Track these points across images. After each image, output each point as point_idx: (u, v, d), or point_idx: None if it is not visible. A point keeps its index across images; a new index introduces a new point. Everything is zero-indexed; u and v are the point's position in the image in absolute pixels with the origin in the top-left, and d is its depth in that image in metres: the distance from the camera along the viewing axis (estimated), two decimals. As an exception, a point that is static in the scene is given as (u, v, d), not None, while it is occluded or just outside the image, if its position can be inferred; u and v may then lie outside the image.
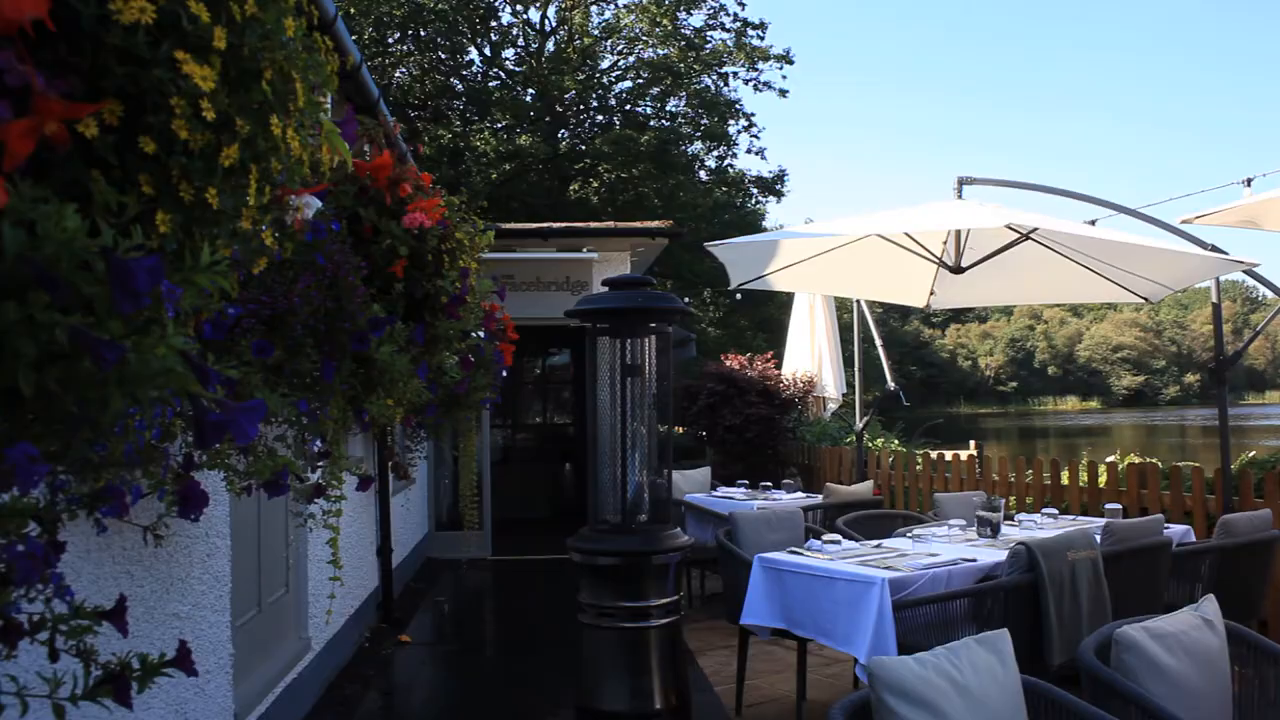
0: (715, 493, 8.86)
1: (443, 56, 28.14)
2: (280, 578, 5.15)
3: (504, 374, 6.14)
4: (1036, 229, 6.85)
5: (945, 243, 7.60)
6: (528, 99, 28.64)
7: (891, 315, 64.16)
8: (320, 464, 3.51)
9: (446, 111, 28.00)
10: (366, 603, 7.21)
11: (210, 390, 1.35)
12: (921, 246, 7.50)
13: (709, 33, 29.48)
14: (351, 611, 6.62)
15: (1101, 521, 5.83)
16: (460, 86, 28.83)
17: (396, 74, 27.33)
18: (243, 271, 1.85)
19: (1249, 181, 6.54)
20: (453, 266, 4.06)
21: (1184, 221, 6.19)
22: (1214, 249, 6.51)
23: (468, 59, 29.21)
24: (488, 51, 29.60)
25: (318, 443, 3.45)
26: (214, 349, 2.52)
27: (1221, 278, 7.05)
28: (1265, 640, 3.34)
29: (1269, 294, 6.74)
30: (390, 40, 26.83)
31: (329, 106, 4.53)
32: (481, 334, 5.22)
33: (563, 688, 5.91)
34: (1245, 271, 6.54)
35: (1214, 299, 7.13)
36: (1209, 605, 3.25)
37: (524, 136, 27.26)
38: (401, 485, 8.64)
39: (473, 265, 4.32)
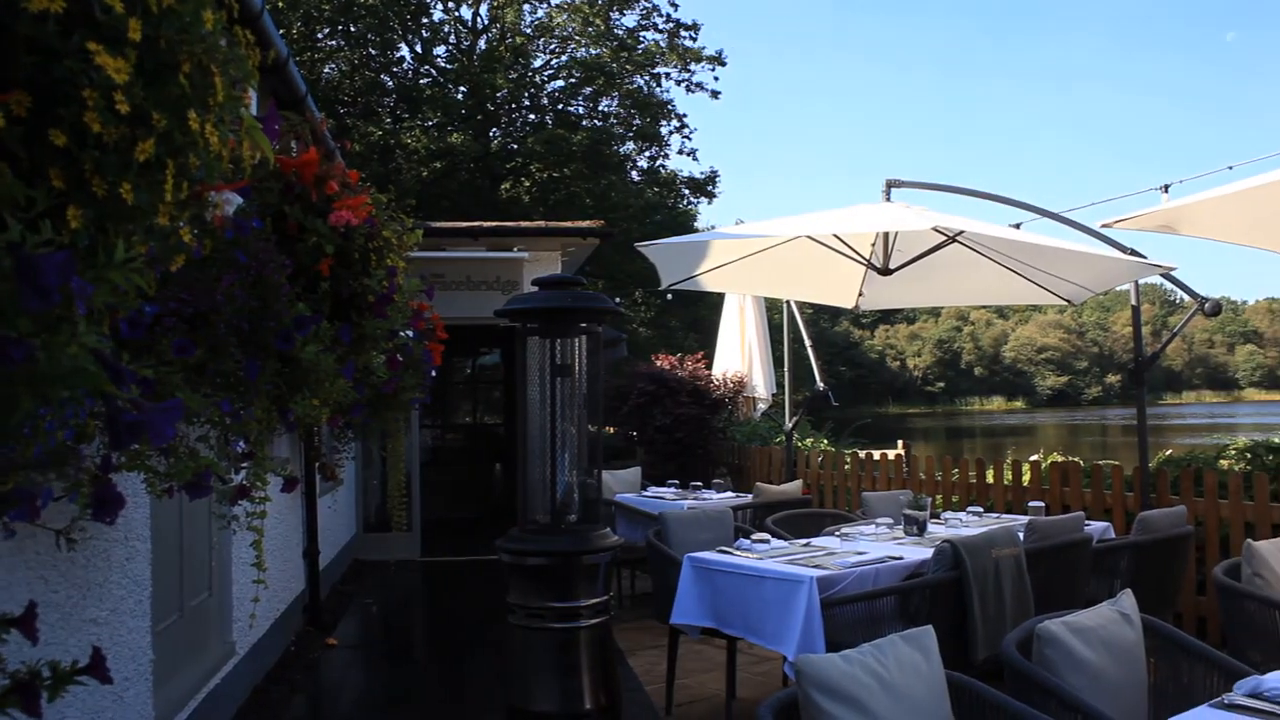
0: (645, 493, 8.87)
1: (373, 52, 27.84)
2: (203, 581, 5.05)
3: (433, 374, 6.10)
4: (962, 232, 6.95)
5: (874, 245, 7.68)
6: (459, 97, 28.45)
7: (821, 316, 64.83)
8: (244, 465, 3.45)
9: (377, 108, 27.70)
10: (293, 606, 7.10)
11: (125, 390, 1.31)
12: (850, 248, 7.57)
13: (641, 33, 29.59)
14: (277, 615, 6.52)
15: (1025, 519, 5.94)
16: (391, 83, 28.56)
17: (326, 69, 26.99)
18: (161, 269, 1.81)
19: (1166, 188, 6.69)
20: (380, 265, 4.01)
21: (1104, 226, 6.32)
22: (1133, 253, 6.66)
23: (399, 55, 28.97)
24: (419, 48, 29.38)
25: (241, 443, 3.39)
26: (132, 348, 2.46)
27: (1140, 281, 7.22)
28: (1179, 632, 3.43)
29: (1186, 297, 6.92)
30: (320, 35, 26.49)
31: (253, 101, 4.46)
32: (410, 333, 5.17)
33: (493, 689, 5.88)
34: (1163, 275, 6.70)
35: (1133, 301, 7.31)
36: (1126, 599, 3.33)
37: (455, 135, 27.09)
38: (329, 486, 8.53)
39: (400, 264, 4.28)
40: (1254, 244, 5.97)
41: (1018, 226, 7.64)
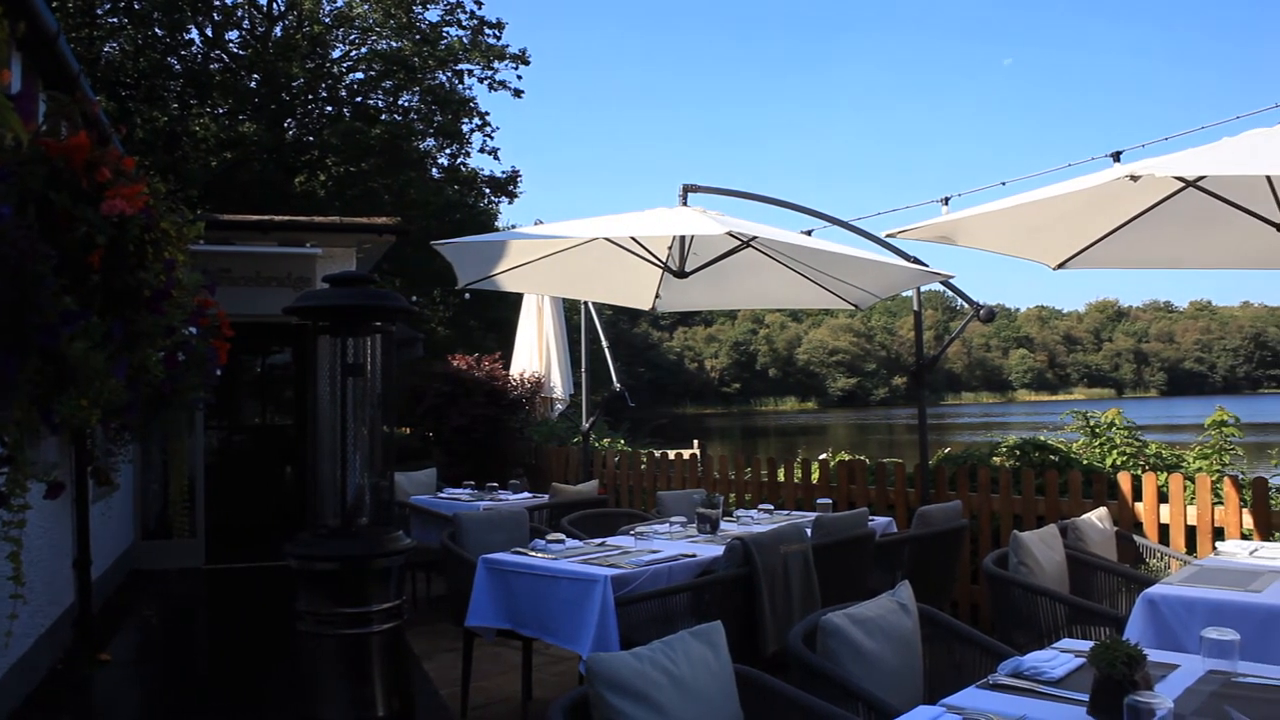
0: (441, 494, 8.76)
1: (160, 33, 26.36)
2: (-45, 596, 4.68)
3: (218, 373, 5.84)
4: (756, 237, 7.13)
5: (670, 248, 7.80)
6: (252, 85, 27.33)
7: (621, 318, 65.54)
8: (2, 470, 3.21)
9: (162, 92, 26.29)
10: (60, 620, 6.66)
11: None
12: (647, 251, 7.67)
13: (445, 29, 29.11)
14: (42, 631, 6.10)
15: (813, 516, 6.15)
16: (179, 66, 27.13)
17: (106, 48, 25.45)
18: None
19: (946, 201, 7.06)
20: (157, 258, 3.80)
21: (889, 235, 6.59)
22: (916, 261, 6.99)
23: (188, 38, 27.52)
24: (210, 31, 28.04)
25: (-2, 446, 3.15)
26: None
27: (922, 288, 7.59)
28: (952, 620, 3.64)
29: (964, 304, 7.31)
30: (100, 11, 24.93)
31: (15, 78, 4.16)
32: (192, 330, 4.93)
33: (283, 700, 5.67)
34: (943, 283, 7.06)
35: (915, 307, 7.68)
36: (904, 590, 3.50)
37: (247, 124, 26.03)
38: (103, 491, 8.05)
39: (180, 257, 4.07)
40: (1024, 255, 6.36)
41: (809, 233, 7.89)
